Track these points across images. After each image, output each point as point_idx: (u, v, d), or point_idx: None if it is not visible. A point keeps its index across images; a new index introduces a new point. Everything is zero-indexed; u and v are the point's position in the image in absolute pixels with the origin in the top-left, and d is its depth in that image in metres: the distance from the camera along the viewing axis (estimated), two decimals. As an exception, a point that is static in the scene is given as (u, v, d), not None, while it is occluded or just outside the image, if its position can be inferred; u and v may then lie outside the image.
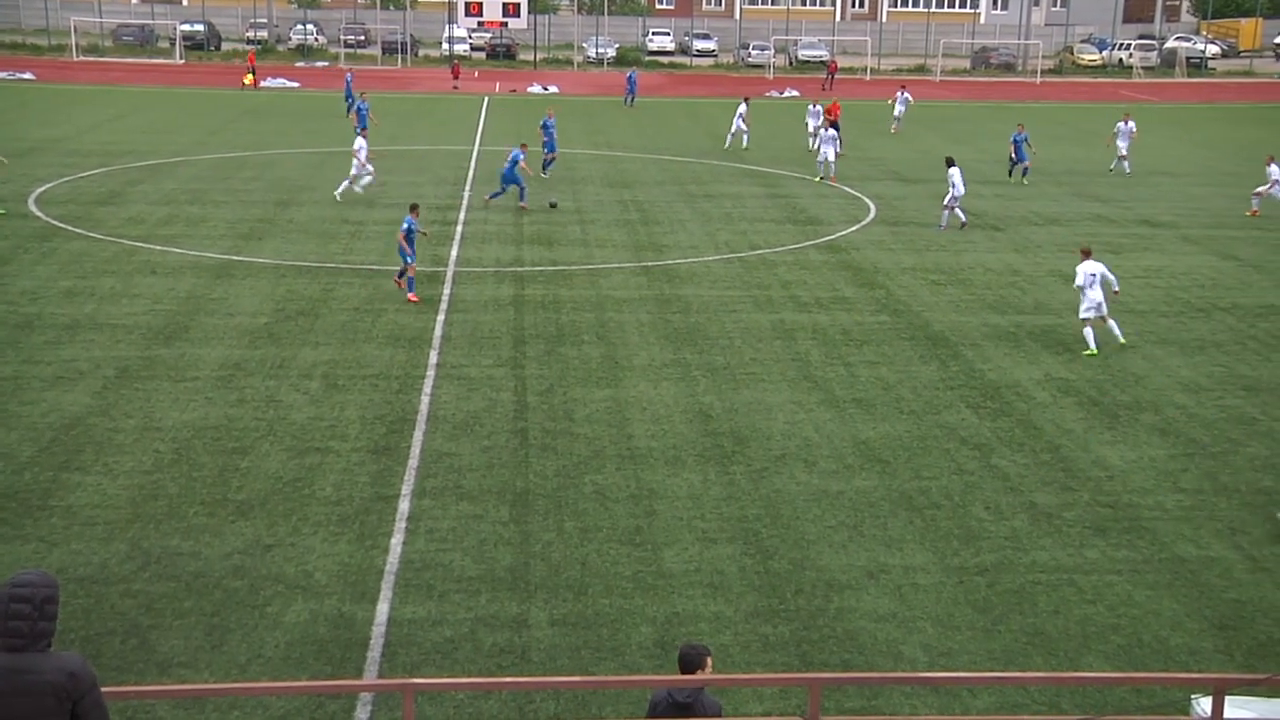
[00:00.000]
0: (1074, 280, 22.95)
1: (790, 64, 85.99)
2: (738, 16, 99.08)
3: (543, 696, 11.57)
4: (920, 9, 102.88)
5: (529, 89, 69.38)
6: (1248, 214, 35.88)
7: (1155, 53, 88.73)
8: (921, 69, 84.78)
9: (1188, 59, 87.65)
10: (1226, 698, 7.18)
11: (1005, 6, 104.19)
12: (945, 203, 32.95)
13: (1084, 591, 13.94)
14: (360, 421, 18.58)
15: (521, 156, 34.78)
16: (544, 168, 40.18)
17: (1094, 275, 22.63)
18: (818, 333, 23.57)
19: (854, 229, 33.34)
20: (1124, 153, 43.27)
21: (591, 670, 12.15)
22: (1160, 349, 22.99)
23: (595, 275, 27.63)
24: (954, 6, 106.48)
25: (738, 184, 39.79)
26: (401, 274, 25.44)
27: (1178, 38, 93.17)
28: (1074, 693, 11.20)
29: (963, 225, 33.01)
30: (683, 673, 8.49)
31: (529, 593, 13.67)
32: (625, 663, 12.32)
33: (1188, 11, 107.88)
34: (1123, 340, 22.95)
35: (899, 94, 55.09)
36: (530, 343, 22.45)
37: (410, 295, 24.97)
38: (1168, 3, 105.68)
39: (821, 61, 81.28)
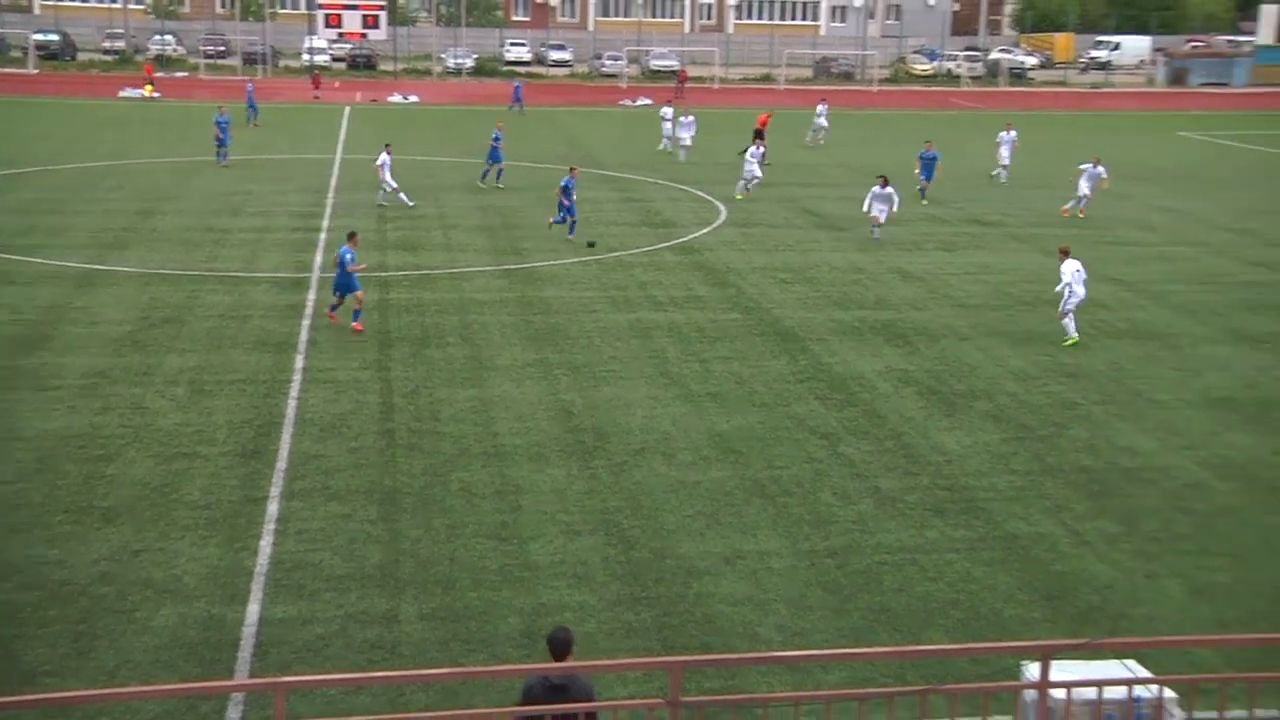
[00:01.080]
0: (1059, 280, 23.40)
1: (643, 73, 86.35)
2: (591, 28, 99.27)
3: (414, 689, 11.44)
4: (765, 21, 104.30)
5: (389, 99, 68.55)
6: (1078, 214, 36.80)
7: (981, 64, 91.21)
8: (767, 78, 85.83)
9: (1010, 69, 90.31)
10: (1052, 662, 7.42)
11: (844, 19, 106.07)
12: (883, 219, 32.09)
13: (926, 570, 14.26)
14: (228, 426, 18.15)
15: (572, 183, 31.48)
16: (482, 178, 40.06)
17: (1079, 271, 23.30)
18: (673, 331, 23.71)
19: (706, 231, 33.62)
20: (1006, 161, 43.29)
21: (461, 662, 12.05)
22: (991, 340, 23.61)
23: (458, 279, 27.41)
24: (796, 19, 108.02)
25: (594, 189, 39.81)
26: (334, 308, 23.32)
27: (1000, 50, 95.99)
28: (917, 665, 11.45)
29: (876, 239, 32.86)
30: (555, 656, 8.52)
31: (398, 589, 13.51)
32: (494, 653, 12.25)
33: (1008, 26, 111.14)
34: (1071, 338, 23.41)
35: (820, 106, 54.04)
36: (396, 345, 22.18)
37: (355, 324, 22.80)
38: (991, 17, 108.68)
39: (672, 71, 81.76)
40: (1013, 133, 43.80)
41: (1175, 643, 8.48)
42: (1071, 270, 23.30)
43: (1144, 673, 7.95)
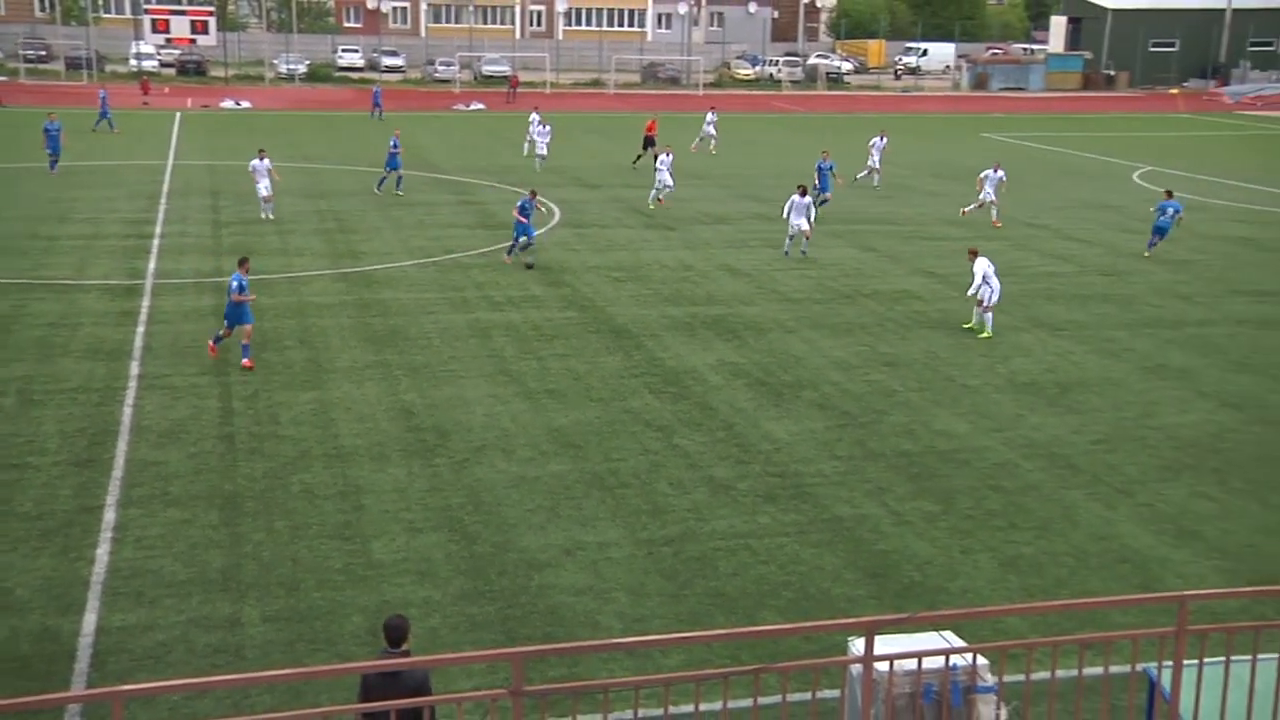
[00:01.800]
0: (972, 282, 23.91)
1: (475, 79, 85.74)
2: (423, 34, 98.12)
3: (258, 691, 11.16)
4: (593, 27, 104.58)
5: (221, 104, 66.66)
6: (963, 212, 37.47)
7: (800, 68, 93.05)
8: (597, 83, 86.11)
9: (827, 74, 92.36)
10: (876, 636, 7.63)
11: (670, 26, 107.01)
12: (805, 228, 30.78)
13: (759, 554, 14.50)
14: (60, 435, 17.44)
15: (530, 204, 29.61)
16: (379, 184, 39.09)
17: (990, 268, 23.99)
18: (511, 330, 23.62)
19: (540, 232, 33.55)
20: (877, 165, 43.35)
21: (306, 662, 11.81)
22: (815, 332, 24.11)
23: (295, 283, 26.82)
24: (624, 25, 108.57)
25: (430, 192, 39.40)
26: (218, 339, 21.17)
27: (818, 55, 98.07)
28: (752, 645, 11.63)
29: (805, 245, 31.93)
30: (392, 644, 8.57)
31: (241, 592, 13.16)
32: (339, 652, 12.04)
33: (825, 33, 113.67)
34: (988, 331, 24.04)
35: (709, 114, 53.28)
36: (233, 350, 21.59)
37: (245, 361, 20.60)
38: (808, 25, 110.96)
39: (504, 76, 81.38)
40: (885, 139, 44.04)
41: (987, 613, 8.81)
42: (983, 269, 24.01)
43: (959, 642, 8.23)
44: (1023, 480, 16.95)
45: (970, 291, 24.18)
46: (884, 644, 7.91)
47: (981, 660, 8.22)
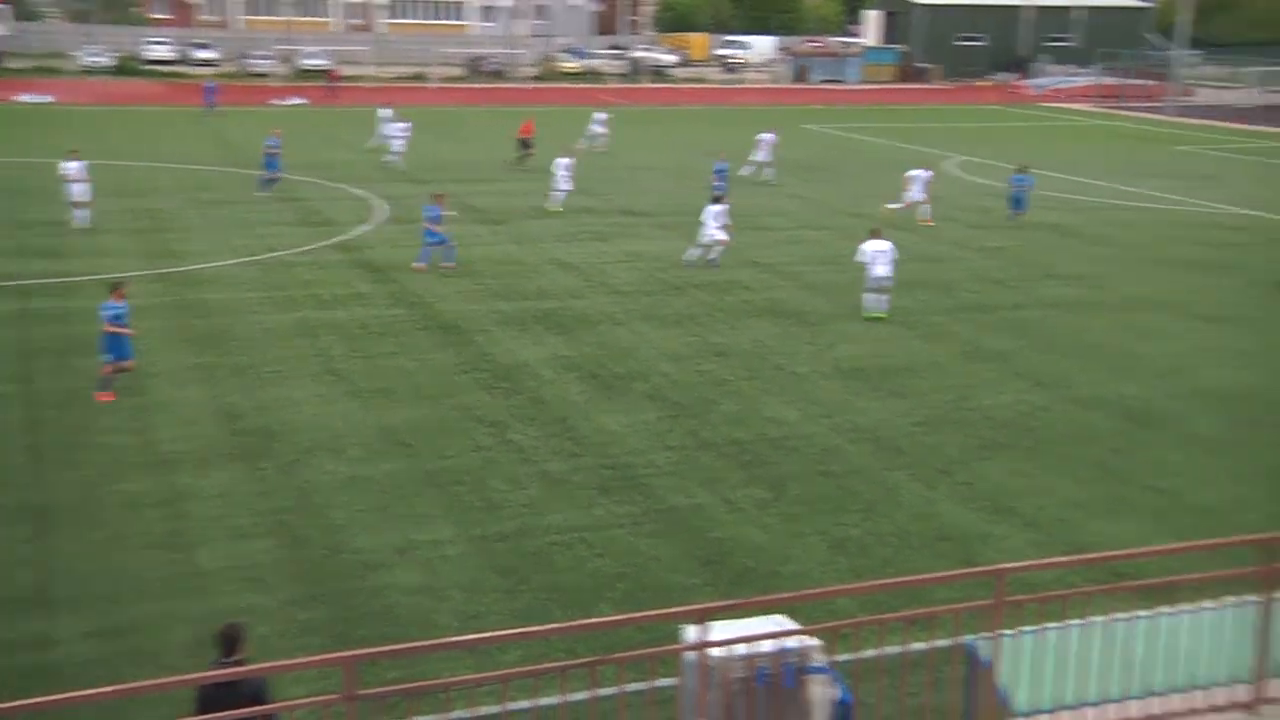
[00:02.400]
0: (856, 256, 25.01)
1: (293, 73, 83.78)
2: (238, 26, 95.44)
3: (75, 713, 10.73)
4: (415, 21, 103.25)
5: (19, 98, 63.66)
6: (890, 208, 37.81)
7: (624, 61, 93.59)
8: (420, 77, 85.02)
9: (651, 67, 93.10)
10: (711, 623, 7.77)
11: (493, 19, 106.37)
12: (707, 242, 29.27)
13: (594, 546, 14.58)
14: None
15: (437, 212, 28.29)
16: (262, 185, 37.62)
17: (881, 252, 24.51)
18: (338, 328, 23.21)
19: (367, 228, 33.04)
20: (764, 159, 43.49)
21: (128, 677, 11.41)
22: (645, 324, 24.32)
23: (109, 285, 25.82)
24: (446, 19, 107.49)
25: (249, 190, 38.38)
26: (105, 382, 18.92)
27: (642, 48, 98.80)
28: (589, 638, 11.70)
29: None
30: (226, 651, 8.40)
31: (55, 609, 12.65)
32: (164, 665, 11.67)
33: (648, 26, 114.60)
34: (884, 314, 24.77)
35: (598, 114, 52.15)
36: (40, 357, 20.71)
37: (100, 395, 18.80)
38: (631, 18, 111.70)
39: (323, 70, 79.73)
40: (771, 134, 44.19)
41: (818, 595, 9.07)
42: (871, 250, 24.74)
43: (791, 625, 8.44)
44: (850, 464, 17.41)
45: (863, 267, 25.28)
46: (718, 630, 8.05)
47: (813, 641, 8.44)
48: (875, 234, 25.43)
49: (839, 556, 14.51)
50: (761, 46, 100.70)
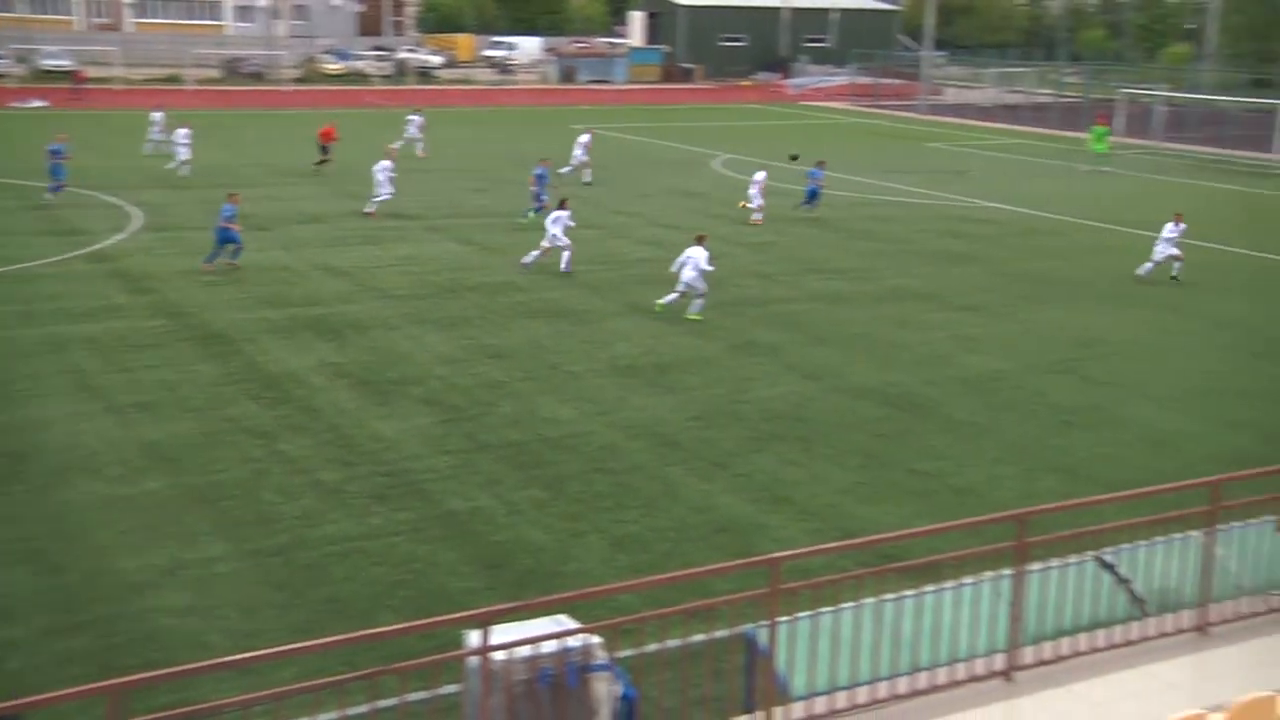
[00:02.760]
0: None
1: (33, 74, 79.33)
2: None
3: None
4: (166, 20, 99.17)
5: None
6: (750, 207, 37.63)
7: (389, 63, 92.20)
8: (174, 79, 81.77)
9: (417, 68, 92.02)
10: (493, 627, 7.72)
11: (250, 19, 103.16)
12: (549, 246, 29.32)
13: (372, 555, 14.31)
14: None
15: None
16: (53, 192, 35.10)
17: (694, 260, 24.81)
18: (92, 342, 22.09)
19: (121, 237, 31.58)
20: (582, 160, 43.25)
21: None
22: (419, 328, 24.01)
23: None
24: (200, 18, 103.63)
25: (-11, 197, 36.17)
26: None
27: (407, 49, 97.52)
28: (369, 649, 11.43)
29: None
30: None
31: None
32: (-93, 710, 10.87)
33: (412, 27, 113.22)
34: (696, 316, 24.96)
35: (412, 116, 50.44)
36: None
37: None
38: (394, 18, 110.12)
39: (67, 71, 75.79)
40: (587, 135, 44.10)
41: (599, 592, 9.13)
42: (687, 255, 25.13)
43: (573, 624, 8.47)
44: (628, 461, 17.58)
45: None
46: (500, 633, 8.01)
47: (595, 639, 8.48)
48: (699, 240, 25.78)
49: (620, 553, 14.63)
50: (528, 47, 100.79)
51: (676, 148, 54.16)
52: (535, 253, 29.41)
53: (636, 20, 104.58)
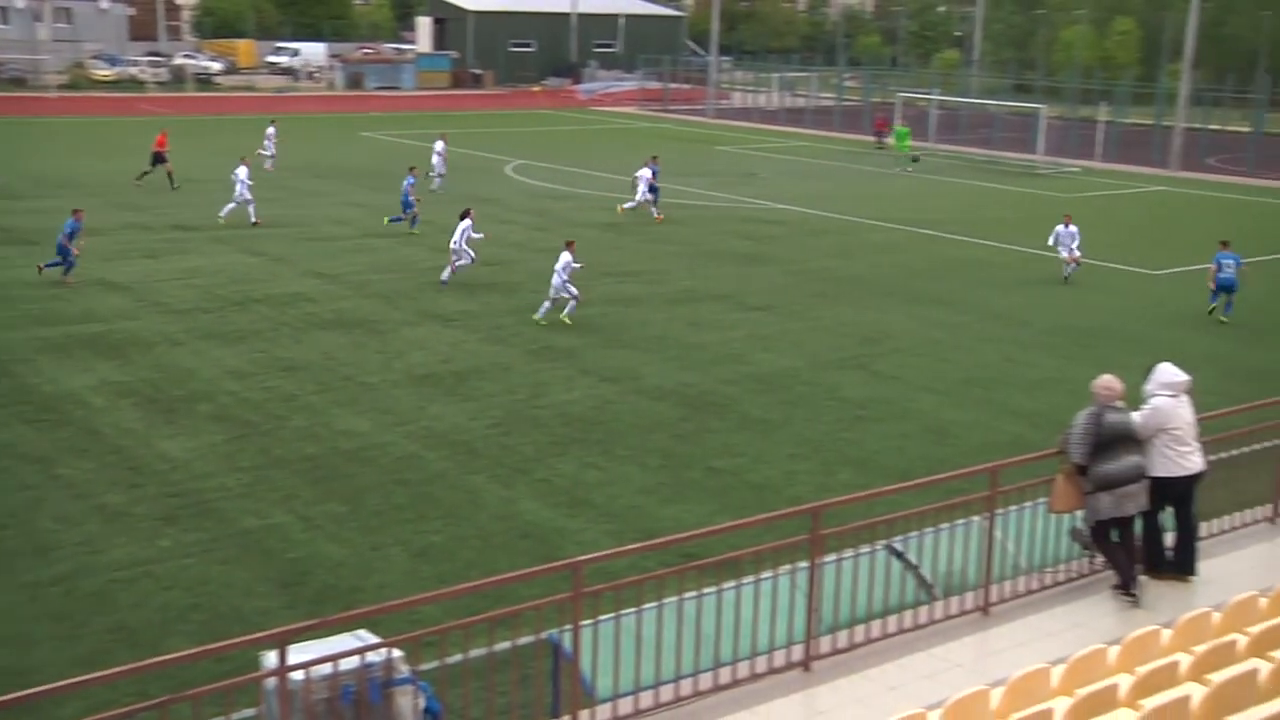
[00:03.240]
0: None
1: None
2: None
3: None
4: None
5: None
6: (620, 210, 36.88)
7: (165, 69, 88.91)
8: (-72, 84, 77.08)
9: (195, 75, 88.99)
10: (291, 646, 7.52)
11: (9, 21, 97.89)
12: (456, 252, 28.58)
13: (161, 579, 13.78)
14: None
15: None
16: None
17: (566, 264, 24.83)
18: None
19: (-128, 254, 29.60)
20: (441, 171, 43.11)
21: None
22: (206, 343, 23.22)
23: None
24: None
25: None
26: None
27: (184, 55, 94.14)
28: (159, 676, 10.95)
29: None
30: None
31: None
32: None
33: (189, 32, 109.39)
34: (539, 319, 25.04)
35: (269, 129, 48.12)
36: None
37: None
38: (169, 23, 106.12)
39: None
40: (441, 143, 43.77)
41: (400, 605, 8.97)
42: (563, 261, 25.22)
43: (374, 639, 8.32)
44: (427, 470, 17.39)
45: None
46: (298, 653, 7.81)
47: (397, 653, 8.36)
48: (568, 245, 25.73)
49: (422, 565, 14.46)
50: (312, 53, 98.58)
51: (469, 154, 53.76)
52: (448, 269, 28.71)
53: (424, 26, 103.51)
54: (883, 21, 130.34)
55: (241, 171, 35.63)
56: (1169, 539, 11.42)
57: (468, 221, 28.55)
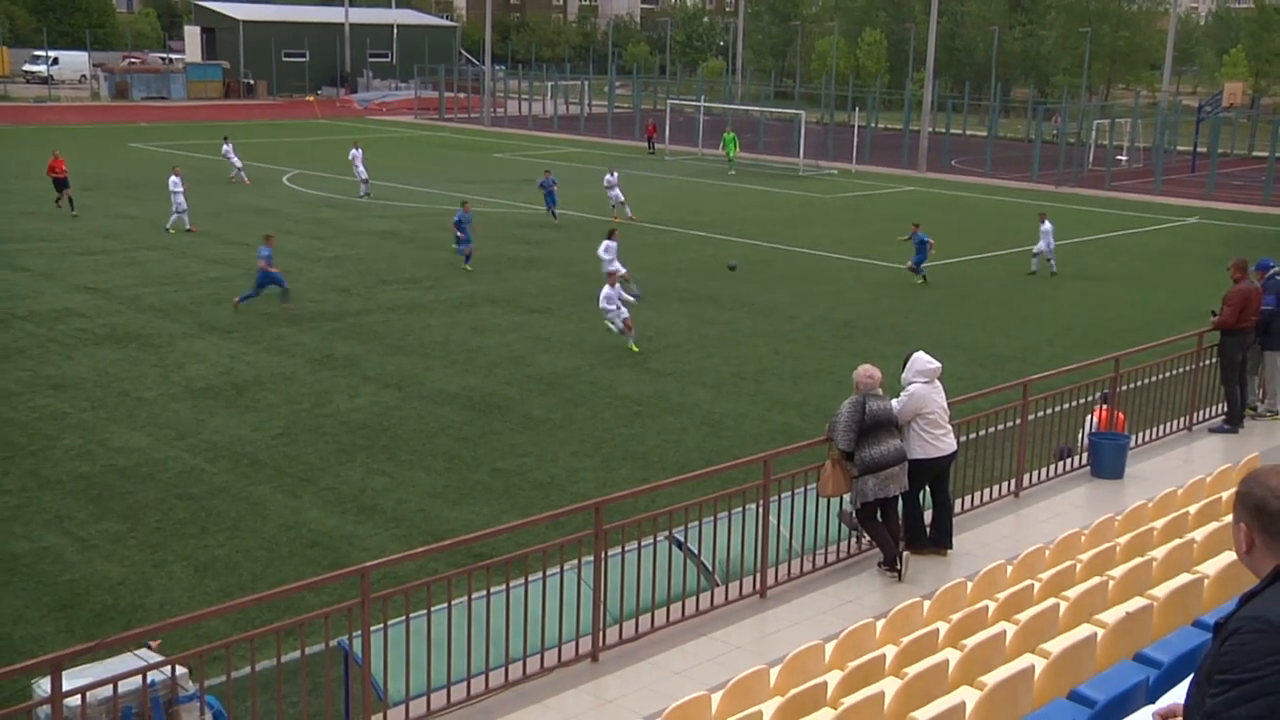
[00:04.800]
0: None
1: None
2: None
3: None
4: None
5: None
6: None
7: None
8: None
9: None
10: (65, 671, 7.12)
11: None
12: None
13: (-77, 611, 12.85)
14: None
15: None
16: None
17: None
18: None
19: None
20: (365, 176, 43.66)
21: None
22: (-35, 363, 21.78)
23: None
24: None
25: None
26: None
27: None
28: (-73, 713, 10.30)
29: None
30: None
31: None
32: None
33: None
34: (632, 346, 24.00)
35: (224, 145, 45.82)
36: None
37: None
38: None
39: None
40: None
41: (182, 621, 8.60)
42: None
43: (156, 657, 7.95)
44: (209, 484, 16.75)
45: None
46: (75, 677, 7.41)
47: (181, 670, 8.01)
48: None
49: (207, 579, 13.91)
50: (73, 62, 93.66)
51: (246, 164, 52.01)
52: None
53: (192, 35, 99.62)
54: (650, 31, 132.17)
55: (176, 179, 35.06)
56: (927, 516, 11.94)
57: (613, 243, 28.00)
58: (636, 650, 9.89)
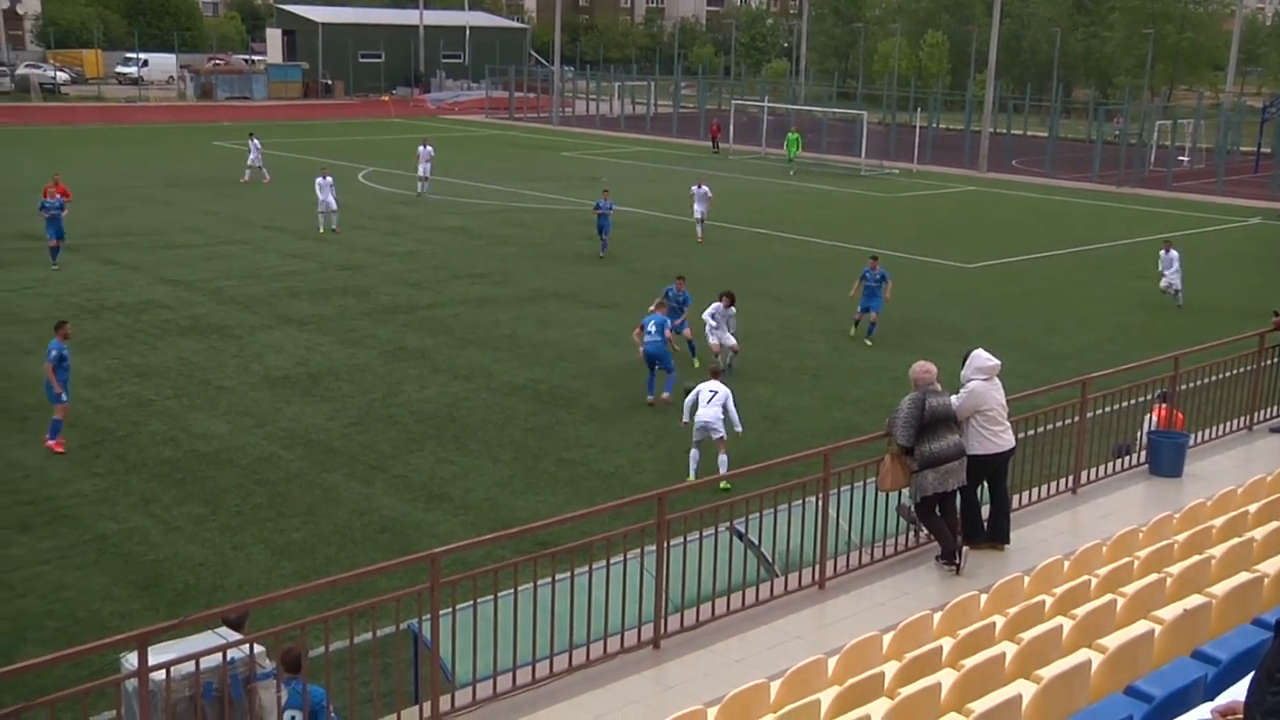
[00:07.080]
0: None
1: None
2: None
3: None
4: None
5: None
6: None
7: (9, 79, 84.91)
8: None
9: (42, 85, 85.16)
10: (150, 647, 7.25)
11: None
12: None
13: (15, 587, 13.18)
14: None
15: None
16: None
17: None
18: None
19: None
20: (425, 173, 43.24)
21: None
22: (57, 351, 22.23)
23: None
24: None
25: None
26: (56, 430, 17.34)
27: (28, 65, 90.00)
28: (13, 685, 10.52)
29: None
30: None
31: None
32: None
33: (32, 42, 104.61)
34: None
35: (250, 141, 46.58)
36: None
37: (52, 443, 17.27)
38: (11, 33, 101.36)
39: None
40: (429, 147, 43.98)
41: (261, 601, 8.75)
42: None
43: (235, 636, 8.08)
44: (286, 470, 16.98)
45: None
46: (159, 653, 7.55)
47: (259, 648, 8.13)
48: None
49: (283, 562, 14.11)
50: (162, 64, 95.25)
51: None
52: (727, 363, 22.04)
53: (274, 38, 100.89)
54: (715, 34, 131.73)
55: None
56: (985, 511, 11.81)
57: (721, 307, 22.35)
58: (697, 638, 9.89)
